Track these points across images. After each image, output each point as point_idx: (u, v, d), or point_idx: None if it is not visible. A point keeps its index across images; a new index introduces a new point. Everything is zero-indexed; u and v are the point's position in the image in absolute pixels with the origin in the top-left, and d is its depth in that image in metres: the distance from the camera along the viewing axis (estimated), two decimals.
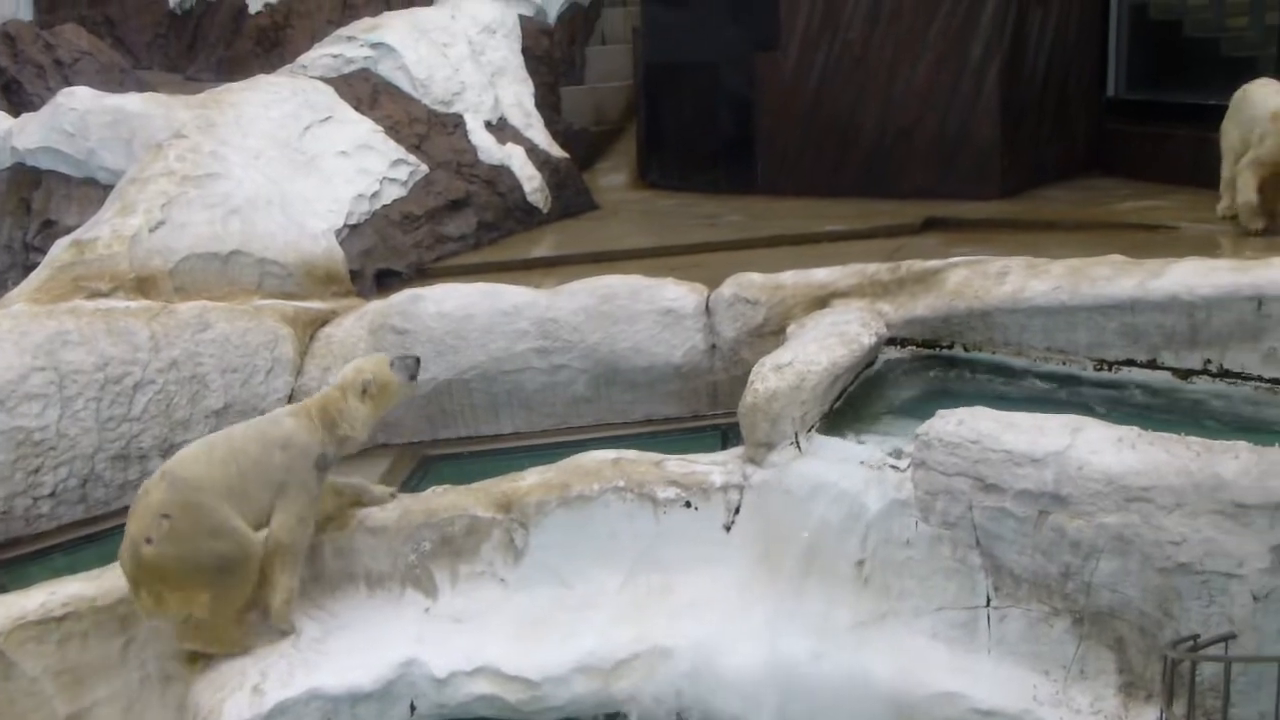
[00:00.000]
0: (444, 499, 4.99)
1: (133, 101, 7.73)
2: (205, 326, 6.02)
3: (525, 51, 9.72)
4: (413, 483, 5.64)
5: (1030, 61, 9.00)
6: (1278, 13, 8.52)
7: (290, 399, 6.00)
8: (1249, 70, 7.76)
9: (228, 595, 4.48)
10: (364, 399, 4.79)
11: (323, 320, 6.42)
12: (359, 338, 6.18)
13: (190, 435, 5.83)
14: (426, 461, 5.96)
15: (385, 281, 7.45)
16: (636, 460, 5.00)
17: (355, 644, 4.62)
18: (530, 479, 4.98)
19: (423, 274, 7.59)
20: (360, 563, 4.83)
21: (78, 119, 7.63)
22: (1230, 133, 7.02)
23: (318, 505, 4.70)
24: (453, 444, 6.09)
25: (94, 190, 7.48)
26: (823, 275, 6.04)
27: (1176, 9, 9.62)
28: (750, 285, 6.08)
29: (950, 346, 5.69)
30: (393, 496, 5.02)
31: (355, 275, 7.33)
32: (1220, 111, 7.17)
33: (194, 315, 6.03)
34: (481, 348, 6.02)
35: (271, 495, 4.56)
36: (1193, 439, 4.13)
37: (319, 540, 4.81)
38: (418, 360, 4.99)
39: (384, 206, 7.80)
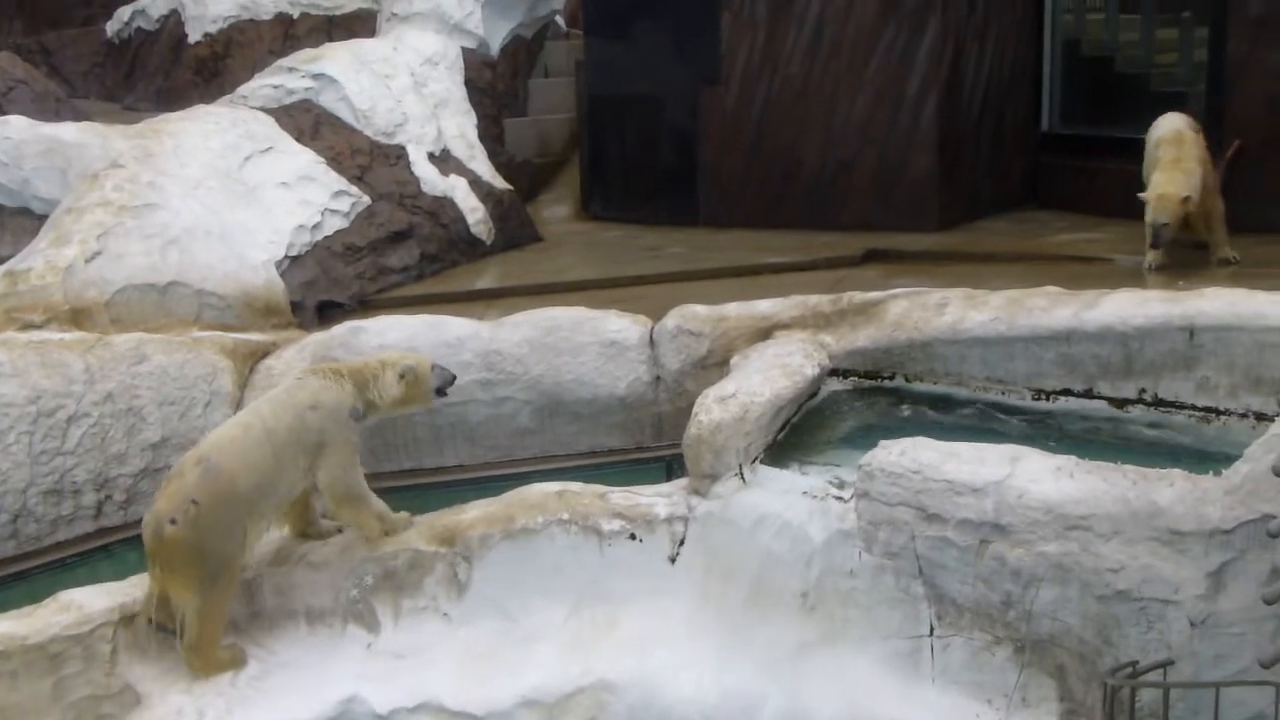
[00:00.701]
0: None
1: (68, 130, 7.66)
2: (142, 359, 5.95)
3: (468, 83, 9.73)
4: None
5: (967, 96, 9.14)
6: (1205, 50, 8.69)
7: None
8: (1179, 105, 7.93)
9: (211, 606, 4.49)
10: (400, 381, 4.90)
11: (263, 352, 6.36)
12: (300, 370, 6.12)
13: (125, 469, 5.81)
14: None
15: (327, 313, 7.42)
16: (581, 492, 4.97)
17: (295, 681, 4.55)
18: (474, 512, 4.93)
19: (365, 306, 7.58)
20: (300, 598, 4.75)
21: (12, 148, 7.53)
22: (1146, 169, 7.37)
23: (359, 454, 4.78)
24: (396, 476, 6.03)
25: (28, 220, 7.37)
26: (765, 307, 6.07)
27: (1108, 45, 9.80)
28: (694, 317, 6.10)
29: (892, 377, 5.72)
30: (410, 524, 4.92)
31: (296, 307, 7.29)
32: None
33: (130, 347, 5.95)
34: None
35: (310, 457, 4.66)
36: (1129, 468, 4.18)
37: (258, 575, 4.76)
38: (454, 378, 5.13)
39: (326, 238, 7.78)
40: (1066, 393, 5.44)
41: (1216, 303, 5.24)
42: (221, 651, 4.57)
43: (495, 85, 10.17)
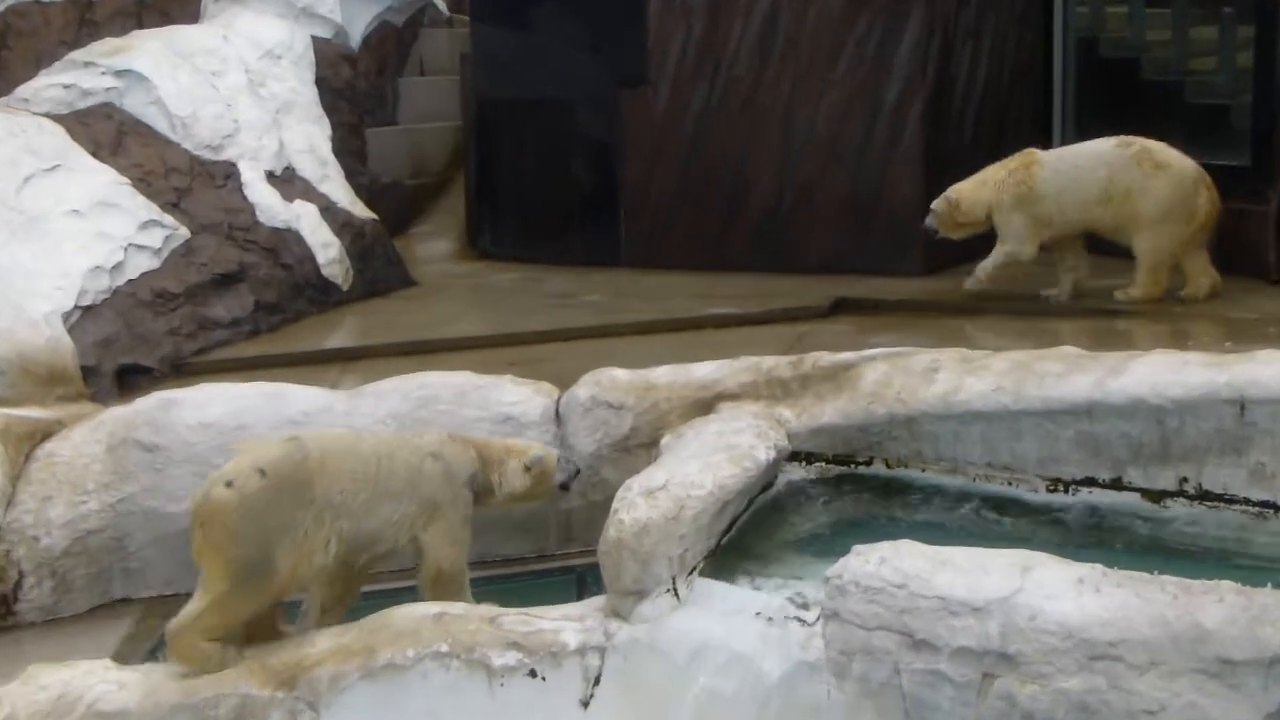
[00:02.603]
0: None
1: None
2: None
3: (320, 82, 9.76)
4: (163, 650, 5.29)
5: (959, 105, 9.26)
6: (1250, 53, 8.88)
7: None
8: (1218, 119, 8.18)
9: (231, 600, 4.75)
10: (526, 473, 5.33)
11: (43, 433, 6.26)
12: (93, 456, 6.07)
13: None
14: None
15: (130, 381, 7.39)
16: (465, 616, 4.94)
17: None
18: (323, 643, 4.88)
19: (181, 371, 7.58)
20: None
21: None
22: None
23: (469, 531, 5.18)
24: None
25: None
26: (706, 372, 6.15)
27: (1132, 45, 10.02)
28: (613, 385, 6.17)
29: (868, 463, 5.82)
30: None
31: (90, 373, 7.26)
32: None
33: None
34: None
35: (416, 511, 5.06)
36: (1168, 579, 4.21)
37: None
38: (579, 471, 5.55)
39: (129, 282, 7.78)
40: (1089, 482, 5.54)
41: (1272, 368, 5.33)
42: (208, 645, 4.76)
43: (356, 85, 10.20)
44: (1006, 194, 8.10)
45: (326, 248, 8.74)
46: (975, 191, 8.17)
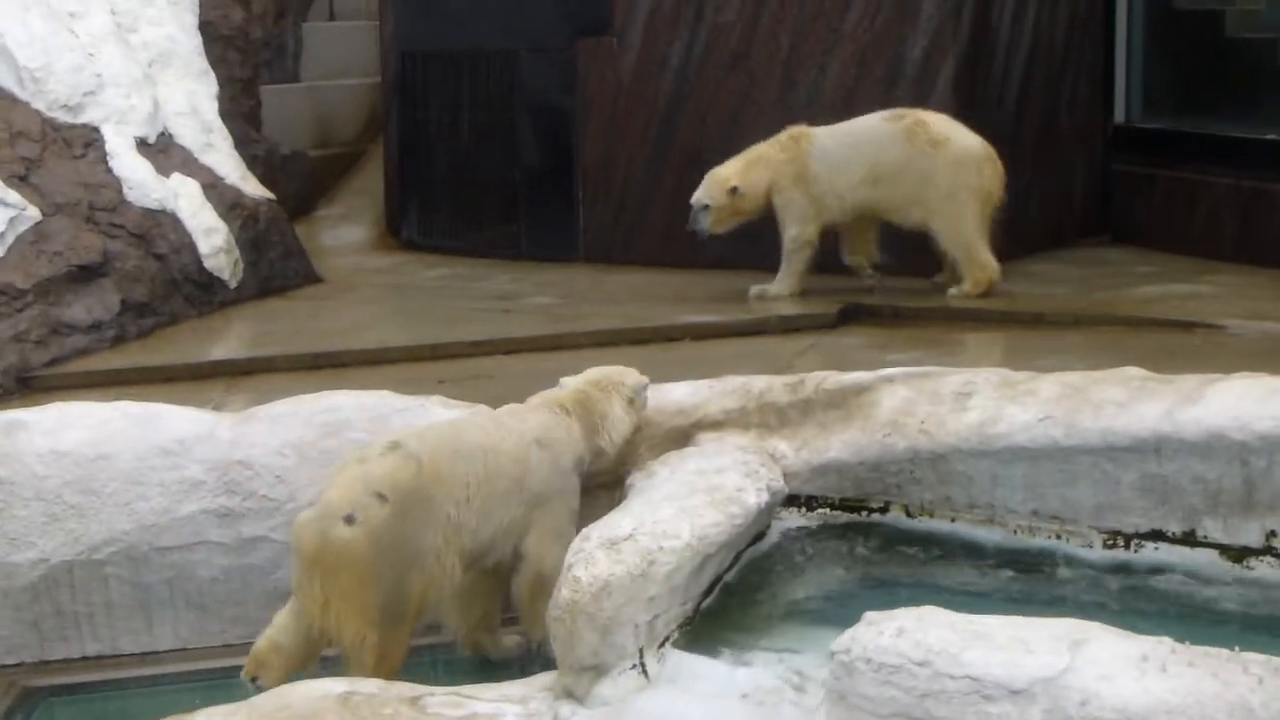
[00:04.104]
0: None
1: None
2: None
3: (205, 29, 9.75)
4: None
5: (1000, 66, 9.29)
6: None
7: None
8: None
9: (391, 644, 5.09)
10: (630, 408, 5.78)
11: None
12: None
13: None
14: (28, 698, 5.83)
15: None
16: (380, 695, 4.85)
17: None
18: None
19: (28, 386, 7.59)
20: None
21: None
22: None
23: (575, 525, 5.39)
24: (74, 669, 6.02)
25: None
26: (683, 395, 6.19)
27: None
28: None
29: (883, 509, 5.84)
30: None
31: None
32: None
33: None
34: (124, 509, 6.05)
35: (524, 508, 5.40)
36: (1252, 657, 4.20)
37: None
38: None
39: None
40: (1156, 536, 5.54)
41: None
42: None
43: (249, 32, 10.24)
44: (783, 174, 8.70)
45: (210, 234, 8.73)
46: (751, 173, 8.74)
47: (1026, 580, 5.55)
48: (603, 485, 6.00)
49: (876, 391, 5.95)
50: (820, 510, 5.88)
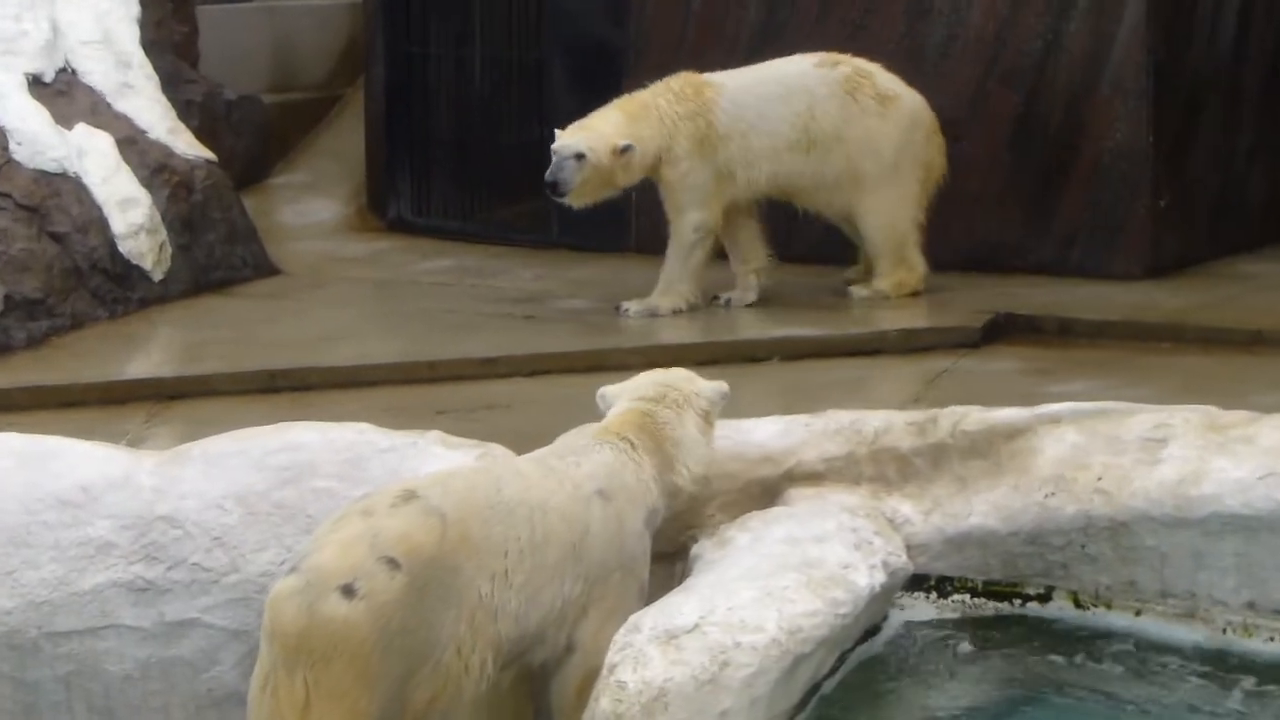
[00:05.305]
0: None
1: None
2: None
3: None
4: None
5: (1206, 18, 9.16)
6: None
7: None
8: None
9: None
10: (707, 427, 5.77)
11: None
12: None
13: None
14: None
15: None
16: None
17: None
18: None
19: None
20: None
21: None
22: None
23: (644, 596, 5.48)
24: None
25: None
26: (770, 436, 6.19)
27: None
28: None
29: (1045, 597, 5.86)
30: None
31: None
32: None
33: None
34: (6, 579, 6.05)
35: (582, 585, 5.31)
36: None
37: None
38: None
39: None
40: None
41: None
42: None
43: None
44: (681, 135, 8.70)
45: (127, 207, 8.93)
46: (638, 128, 8.67)
47: (1244, 699, 5.47)
48: (659, 556, 5.92)
49: (1036, 435, 5.97)
50: (957, 597, 5.93)
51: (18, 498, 6.04)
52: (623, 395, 5.79)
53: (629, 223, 9.58)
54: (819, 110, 8.59)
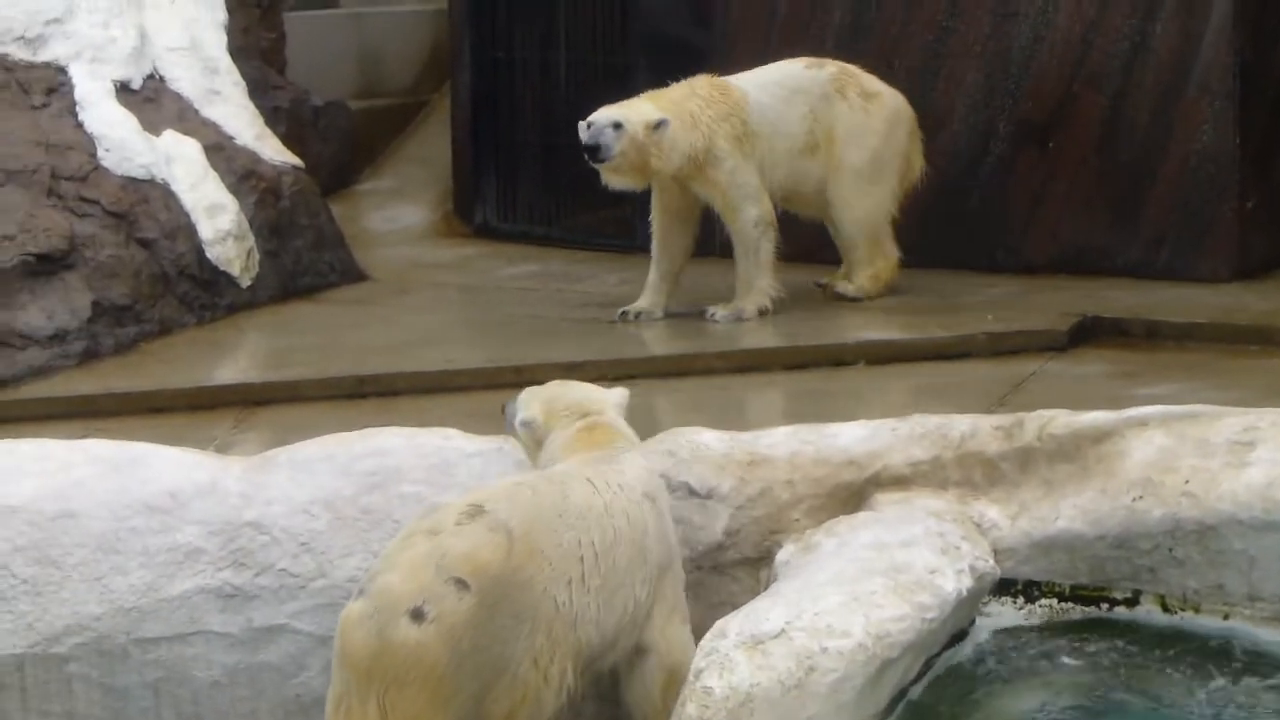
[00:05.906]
0: None
1: None
2: None
3: None
4: None
5: None
6: None
7: None
8: None
9: None
10: None
11: None
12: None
13: None
14: None
15: None
16: None
17: None
18: None
19: None
20: None
21: None
22: None
23: None
24: None
25: None
26: (855, 440, 6.19)
27: None
28: (697, 457, 6.20)
29: (1132, 601, 5.82)
30: None
31: None
32: None
33: None
34: (94, 585, 6.04)
35: (648, 586, 5.38)
36: None
37: None
38: None
39: None
40: None
41: None
42: None
43: None
44: (719, 134, 8.65)
45: (215, 214, 8.82)
46: (671, 110, 8.58)
47: None
48: (743, 560, 6.03)
49: (1123, 439, 5.94)
50: (1045, 601, 5.88)
51: (106, 504, 6.05)
52: (551, 410, 5.76)
53: (712, 227, 9.36)
54: (819, 111, 8.64)
